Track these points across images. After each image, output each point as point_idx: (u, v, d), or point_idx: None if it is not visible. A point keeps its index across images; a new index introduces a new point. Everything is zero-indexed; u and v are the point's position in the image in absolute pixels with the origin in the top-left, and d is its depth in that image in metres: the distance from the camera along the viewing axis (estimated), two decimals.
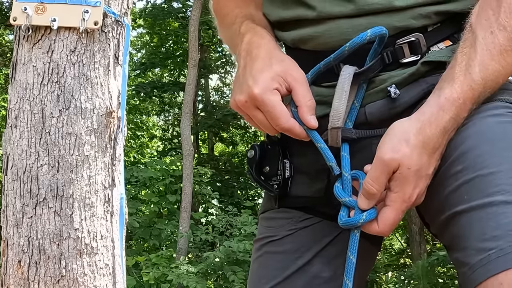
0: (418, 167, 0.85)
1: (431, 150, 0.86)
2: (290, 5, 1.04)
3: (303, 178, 1.07)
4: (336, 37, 0.98)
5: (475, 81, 0.86)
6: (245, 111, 0.97)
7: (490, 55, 0.85)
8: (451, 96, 0.86)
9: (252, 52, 0.99)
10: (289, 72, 0.95)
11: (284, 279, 1.06)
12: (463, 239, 0.80)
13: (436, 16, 0.96)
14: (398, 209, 0.87)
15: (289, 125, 0.93)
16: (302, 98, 0.93)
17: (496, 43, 0.85)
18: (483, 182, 0.81)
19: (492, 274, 0.74)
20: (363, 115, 0.98)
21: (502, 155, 0.83)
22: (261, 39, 1.01)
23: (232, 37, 1.12)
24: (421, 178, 0.86)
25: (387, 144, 0.86)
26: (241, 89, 0.95)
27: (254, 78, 0.94)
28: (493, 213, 0.77)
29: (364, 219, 0.89)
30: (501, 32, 0.85)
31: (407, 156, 0.84)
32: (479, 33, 0.87)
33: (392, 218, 0.87)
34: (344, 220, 0.91)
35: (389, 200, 0.87)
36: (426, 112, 0.87)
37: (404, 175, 0.85)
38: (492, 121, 0.87)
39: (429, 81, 0.95)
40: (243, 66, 0.99)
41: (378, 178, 0.86)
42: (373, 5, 0.95)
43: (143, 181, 9.61)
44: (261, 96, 0.92)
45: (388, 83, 0.96)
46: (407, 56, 0.96)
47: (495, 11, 0.87)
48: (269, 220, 1.13)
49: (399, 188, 0.86)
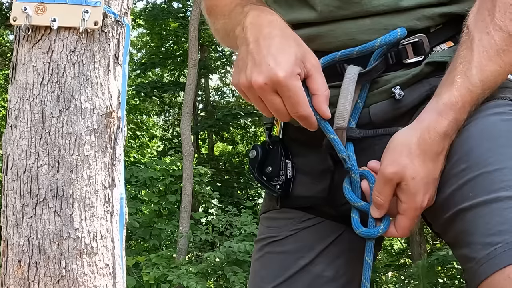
0: (423, 175, 0.86)
1: (434, 155, 0.86)
2: (295, 8, 1.04)
3: (305, 178, 1.07)
4: (340, 37, 0.99)
5: (473, 84, 0.86)
6: (259, 94, 0.89)
7: (487, 56, 0.86)
8: (449, 101, 0.87)
9: (263, 28, 0.91)
10: (308, 57, 0.90)
11: (286, 279, 1.06)
12: (468, 234, 0.80)
13: (439, 17, 0.97)
14: (411, 217, 0.89)
15: (307, 113, 0.89)
16: (321, 86, 0.90)
17: (492, 44, 0.86)
18: (488, 179, 0.81)
19: (499, 268, 0.74)
20: (367, 116, 0.98)
21: (505, 152, 0.83)
22: (271, 15, 0.95)
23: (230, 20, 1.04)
24: (429, 184, 0.87)
25: (388, 158, 0.88)
26: (260, 69, 0.87)
27: (276, 59, 0.86)
28: (499, 208, 0.78)
29: (382, 230, 0.92)
30: (497, 32, 0.86)
31: (409, 168, 0.85)
32: (475, 35, 0.88)
33: (408, 224, 0.90)
34: (363, 231, 0.93)
35: (401, 210, 0.89)
36: (425, 119, 0.87)
37: (411, 186, 0.86)
38: (494, 119, 0.88)
39: (432, 82, 0.96)
40: (255, 41, 0.90)
41: (383, 191, 0.88)
42: (378, 7, 0.95)
43: (143, 181, 9.61)
44: (285, 80, 0.85)
45: (392, 84, 0.96)
46: (410, 57, 0.97)
47: (490, 12, 0.87)
48: (270, 220, 1.12)
49: (407, 199, 0.87)
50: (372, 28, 0.96)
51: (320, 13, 0.99)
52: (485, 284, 0.76)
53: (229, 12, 1.07)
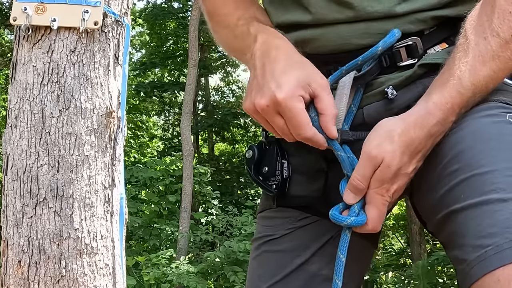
0: (398, 166, 0.87)
1: (413, 151, 0.88)
2: (289, 9, 1.04)
3: (301, 177, 1.08)
4: (334, 41, 1.00)
5: (464, 87, 0.87)
6: (264, 116, 0.92)
7: (482, 60, 0.87)
8: (439, 101, 0.88)
9: (271, 53, 0.95)
10: (314, 77, 0.92)
11: (283, 277, 1.06)
12: (460, 236, 0.81)
13: (432, 20, 0.98)
14: (379, 205, 0.90)
15: (310, 134, 0.91)
16: (327, 106, 0.92)
17: (488, 49, 0.87)
18: (479, 181, 0.82)
19: (489, 270, 0.75)
20: (361, 116, 0.99)
21: (497, 154, 0.84)
22: (278, 40, 0.98)
23: (236, 39, 1.08)
24: (399, 177, 0.89)
25: (374, 140, 0.89)
26: (262, 92, 0.91)
27: (277, 81, 0.90)
28: (489, 210, 0.79)
29: (349, 222, 0.91)
30: (493, 38, 0.87)
31: (389, 155, 0.87)
32: (472, 39, 0.89)
33: (377, 215, 0.90)
34: (333, 214, 0.93)
35: (369, 198, 0.90)
36: (413, 114, 0.89)
37: (383, 173, 0.88)
38: (486, 121, 0.89)
39: (425, 82, 0.97)
40: (261, 67, 0.94)
41: (365, 174, 0.89)
42: (373, 13, 0.97)
43: (143, 181, 9.61)
44: (285, 102, 0.88)
45: (386, 86, 0.98)
46: (404, 60, 0.98)
47: (489, 17, 0.88)
48: (267, 219, 1.13)
49: (377, 185, 0.89)
50: (367, 33, 0.97)
51: (314, 15, 0.99)
52: (476, 286, 0.77)
53: (234, 27, 1.09)
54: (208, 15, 1.19)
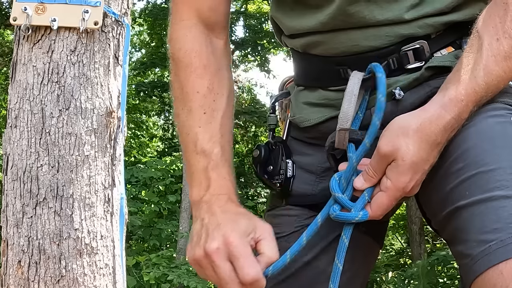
0: (413, 160, 0.89)
1: (430, 146, 0.90)
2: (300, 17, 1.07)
3: (309, 177, 1.10)
4: (344, 43, 1.03)
5: (479, 85, 0.90)
6: (212, 260, 0.92)
7: (495, 61, 0.90)
8: (455, 97, 0.90)
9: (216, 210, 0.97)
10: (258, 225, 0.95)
11: (291, 274, 1.08)
12: (464, 232, 0.83)
13: (440, 25, 1.00)
14: (392, 196, 0.91)
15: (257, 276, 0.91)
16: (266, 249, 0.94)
17: (501, 50, 0.90)
18: (484, 178, 0.84)
19: (492, 264, 0.77)
20: (369, 118, 1.00)
21: (502, 153, 0.87)
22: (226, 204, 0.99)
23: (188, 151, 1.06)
24: (417, 172, 0.90)
25: (386, 138, 0.91)
26: (212, 236, 0.92)
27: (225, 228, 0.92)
28: (493, 207, 0.81)
29: (360, 217, 0.92)
30: (506, 39, 0.90)
31: (403, 149, 0.89)
32: (485, 39, 0.91)
33: (385, 203, 0.91)
34: (339, 214, 0.93)
35: (384, 186, 0.91)
36: (429, 110, 0.91)
37: (400, 166, 0.89)
38: (492, 121, 0.92)
39: (432, 84, 1.00)
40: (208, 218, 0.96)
41: (376, 168, 0.91)
42: (382, 21, 1.00)
43: (143, 181, 9.61)
44: (236, 243, 0.90)
45: (393, 87, 1.00)
46: (411, 62, 1.01)
47: (502, 19, 0.91)
48: (275, 217, 1.15)
49: (394, 177, 0.90)
50: (376, 35, 1.01)
51: (326, 24, 1.02)
52: (479, 279, 0.79)
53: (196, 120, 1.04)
54: (173, 60, 1.10)
